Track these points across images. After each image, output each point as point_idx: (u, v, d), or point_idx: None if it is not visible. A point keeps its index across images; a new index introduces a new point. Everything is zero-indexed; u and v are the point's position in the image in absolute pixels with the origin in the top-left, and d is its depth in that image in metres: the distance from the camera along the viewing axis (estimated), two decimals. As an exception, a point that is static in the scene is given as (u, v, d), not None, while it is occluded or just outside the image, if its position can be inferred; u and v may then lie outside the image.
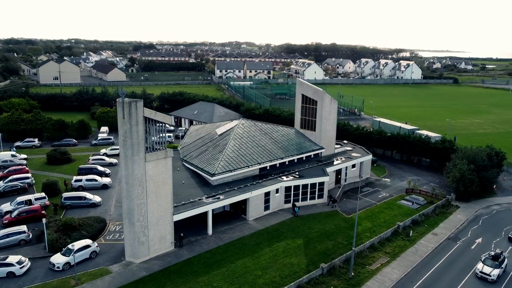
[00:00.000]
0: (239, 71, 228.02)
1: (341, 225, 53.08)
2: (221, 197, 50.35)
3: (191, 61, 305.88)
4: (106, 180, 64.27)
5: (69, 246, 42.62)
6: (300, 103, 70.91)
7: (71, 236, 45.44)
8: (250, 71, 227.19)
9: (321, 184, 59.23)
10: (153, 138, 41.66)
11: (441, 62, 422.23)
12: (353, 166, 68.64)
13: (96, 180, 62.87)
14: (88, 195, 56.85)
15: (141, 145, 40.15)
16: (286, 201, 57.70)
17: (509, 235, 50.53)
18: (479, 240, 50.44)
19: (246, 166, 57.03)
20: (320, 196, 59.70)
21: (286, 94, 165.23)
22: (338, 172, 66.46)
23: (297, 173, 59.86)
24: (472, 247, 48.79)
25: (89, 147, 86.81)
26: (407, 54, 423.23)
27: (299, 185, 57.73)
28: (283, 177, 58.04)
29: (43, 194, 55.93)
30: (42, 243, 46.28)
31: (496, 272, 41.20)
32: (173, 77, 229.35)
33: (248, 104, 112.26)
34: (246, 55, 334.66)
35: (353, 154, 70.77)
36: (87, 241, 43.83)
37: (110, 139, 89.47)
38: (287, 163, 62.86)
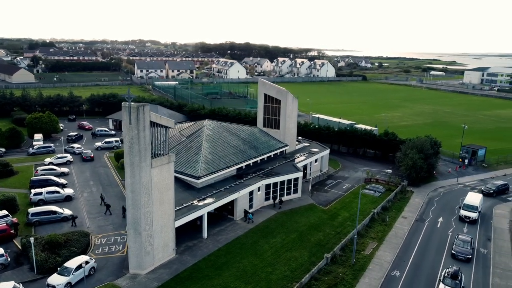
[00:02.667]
0: (161, 71, 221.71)
1: (323, 217, 56.15)
2: (211, 199, 50.08)
3: (102, 61, 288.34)
4: (69, 191, 59.42)
5: (65, 264, 39.27)
6: (262, 103, 72.63)
7: (60, 254, 41.73)
8: (173, 71, 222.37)
9: (296, 179, 61.80)
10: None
11: (344, 60, 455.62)
12: (316, 161, 72.51)
13: (58, 192, 57.81)
14: (58, 208, 52.22)
15: (148, 151, 38.53)
16: (266, 199, 59.22)
17: (459, 215, 56.72)
18: (441, 219, 57.22)
19: (226, 167, 57.22)
20: (295, 191, 62.23)
21: (217, 93, 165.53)
22: (304, 167, 69.68)
23: (273, 170, 61.65)
24: (438, 226, 55.23)
25: (26, 157, 78.70)
26: (316, 53, 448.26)
27: (277, 182, 59.60)
28: (261, 175, 59.39)
29: (5, 212, 50.01)
30: (23, 266, 41.76)
31: None
32: (88, 77, 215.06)
33: (191, 105, 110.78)
34: (162, 54, 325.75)
35: (313, 150, 74.67)
36: (84, 257, 40.69)
37: (50, 146, 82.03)
38: (259, 161, 64.26)
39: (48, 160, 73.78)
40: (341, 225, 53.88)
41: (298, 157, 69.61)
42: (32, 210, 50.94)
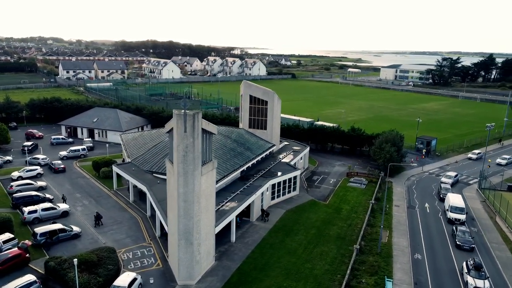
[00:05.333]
0: (89, 72, 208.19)
1: (328, 211, 59.23)
2: (234, 203, 50.25)
3: (16, 61, 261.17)
4: (65, 206, 54.96)
5: (116, 283, 37.20)
6: (248, 104, 73.55)
7: (99, 273, 39.12)
8: (102, 71, 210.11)
9: (295, 178, 64.11)
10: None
11: (265, 59, 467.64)
12: (301, 158, 75.50)
13: (54, 208, 53.25)
14: (66, 226, 48.31)
15: (199, 159, 37.93)
16: (272, 198, 60.68)
17: (448, 217, 57.90)
18: (427, 205, 63.74)
19: (234, 170, 57.48)
20: (294, 189, 64.50)
21: (161, 94, 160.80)
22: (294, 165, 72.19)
23: (271, 170, 63.19)
24: (428, 211, 61.55)
25: (-18, 172, 70.25)
26: (238, 52, 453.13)
27: (280, 182, 61.35)
28: (264, 175, 60.60)
29: (9, 235, 45.03)
30: (56, 291, 38.47)
31: (487, 284, 41.04)
32: (2, 80, 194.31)
33: (150, 107, 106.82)
34: (82, 54, 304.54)
35: (295, 148, 77.56)
36: (131, 274, 38.77)
37: (4, 158, 74.22)
38: (255, 162, 65.33)
39: (16, 174, 66.75)
40: (348, 218, 57.41)
41: (286, 156, 71.93)
42: (39, 230, 46.43)
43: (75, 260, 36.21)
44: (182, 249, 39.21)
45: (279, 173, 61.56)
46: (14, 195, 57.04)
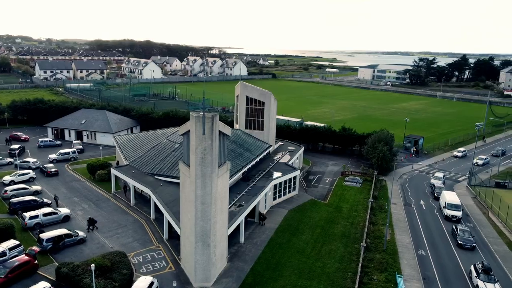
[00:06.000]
0: (68, 72, 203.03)
1: (329, 210, 60.22)
2: (242, 204, 50.47)
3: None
4: (66, 211, 53.77)
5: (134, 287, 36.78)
6: (244, 105, 73.75)
7: (114, 278, 38.62)
8: (81, 72, 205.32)
9: (295, 178, 64.82)
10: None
11: (243, 58, 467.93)
12: (297, 158, 76.30)
13: (56, 213, 52.03)
14: (71, 231, 47.38)
15: (217, 161, 38.02)
16: (273, 198, 61.15)
17: (445, 214, 59.67)
18: (422, 202, 65.71)
19: (237, 171, 57.64)
20: (294, 189, 65.20)
21: (145, 95, 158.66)
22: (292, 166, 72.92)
23: (271, 171, 63.65)
24: (424, 208, 63.46)
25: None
26: (217, 51, 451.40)
27: (281, 182, 61.91)
28: (265, 176, 61.02)
29: (15, 242, 43.79)
30: (71, 297, 37.75)
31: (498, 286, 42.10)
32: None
33: (139, 108, 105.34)
34: (57, 53, 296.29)
35: (290, 148, 78.32)
36: (147, 278, 38.50)
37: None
38: (255, 163, 65.65)
39: (7, 178, 64.74)
40: (349, 217, 58.53)
41: (283, 156, 72.57)
42: (45, 235, 45.30)
43: (93, 265, 35.63)
44: (199, 251, 39.17)
45: (280, 174, 62.08)
46: (11, 200, 55.29)
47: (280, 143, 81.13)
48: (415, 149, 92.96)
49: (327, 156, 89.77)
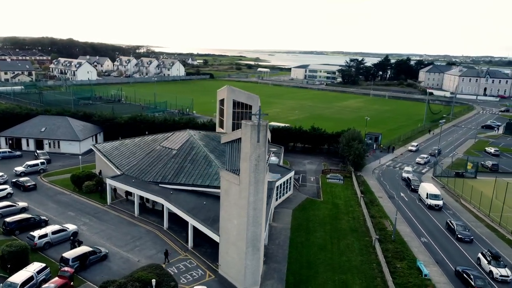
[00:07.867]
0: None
1: (329, 207, 63.70)
2: (261, 207, 51.65)
3: None
4: (73, 227, 50.54)
5: (192, 300, 36.54)
6: (231, 109, 74.41)
7: (164, 292, 37.93)
8: (6, 73, 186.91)
9: (290, 178, 67.32)
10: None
11: (171, 58, 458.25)
12: (281, 159, 78.80)
13: (64, 230, 48.79)
14: (94, 247, 45.02)
15: (266, 167, 39.07)
16: (276, 199, 62.98)
17: (427, 204, 65.73)
18: (403, 195, 71.99)
19: (243, 175, 58.46)
20: (289, 189, 67.69)
21: (90, 98, 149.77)
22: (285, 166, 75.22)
23: (271, 172, 65.45)
24: (406, 200, 69.69)
25: None
26: (145, 50, 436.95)
27: (281, 183, 64.00)
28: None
29: (41, 264, 40.60)
30: (121, 317, 36.30)
31: (509, 271, 44.91)
32: None
33: (101, 113, 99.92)
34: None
35: (272, 149, 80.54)
36: (202, 288, 38.32)
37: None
38: (250, 166, 66.81)
39: (-8, 194, 58.68)
40: (348, 212, 62.51)
41: (269, 157, 74.34)
42: (69, 254, 42.54)
43: (153, 280, 34.80)
44: (249, 256, 39.92)
45: (279, 175, 64.10)
46: (6, 219, 50.37)
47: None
48: (382, 146, 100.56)
49: (300, 155, 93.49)
